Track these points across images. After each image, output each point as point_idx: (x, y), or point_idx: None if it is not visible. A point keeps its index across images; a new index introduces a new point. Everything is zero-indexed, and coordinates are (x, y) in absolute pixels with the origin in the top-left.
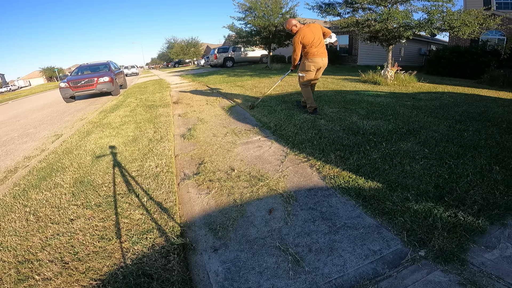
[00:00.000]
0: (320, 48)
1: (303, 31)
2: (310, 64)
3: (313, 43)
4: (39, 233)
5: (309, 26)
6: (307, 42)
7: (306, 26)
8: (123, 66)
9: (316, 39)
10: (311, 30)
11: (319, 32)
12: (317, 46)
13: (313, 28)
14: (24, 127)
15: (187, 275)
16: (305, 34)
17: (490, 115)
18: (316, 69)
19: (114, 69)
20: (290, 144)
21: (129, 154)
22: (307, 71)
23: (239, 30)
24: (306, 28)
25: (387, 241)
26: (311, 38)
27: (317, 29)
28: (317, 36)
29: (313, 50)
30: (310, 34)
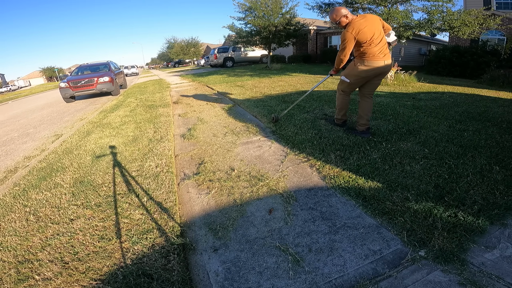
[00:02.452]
0: (382, 47)
1: (359, 23)
2: (364, 68)
3: (373, 40)
4: (39, 233)
5: (365, 17)
6: (364, 38)
7: (361, 17)
8: (123, 66)
9: (376, 35)
10: (369, 23)
11: (379, 26)
12: (378, 45)
13: (371, 20)
14: (24, 127)
15: (187, 275)
16: (361, 28)
17: (490, 115)
18: (372, 76)
19: (114, 69)
20: (290, 144)
21: (129, 154)
22: (356, 76)
23: (239, 30)
24: (361, 20)
25: (387, 241)
26: (370, 34)
27: (377, 22)
28: (378, 31)
29: (372, 50)
30: (369, 28)
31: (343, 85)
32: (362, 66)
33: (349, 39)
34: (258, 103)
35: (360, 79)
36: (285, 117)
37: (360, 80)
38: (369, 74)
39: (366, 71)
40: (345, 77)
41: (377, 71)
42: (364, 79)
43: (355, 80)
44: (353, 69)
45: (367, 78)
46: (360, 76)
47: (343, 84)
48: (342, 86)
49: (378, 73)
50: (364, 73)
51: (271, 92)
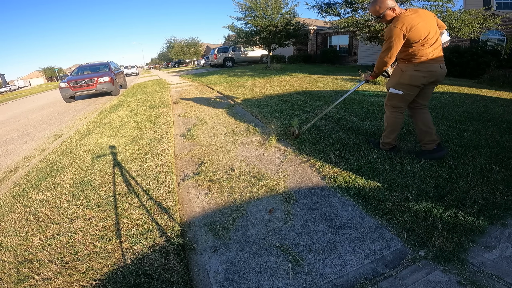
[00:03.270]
0: (437, 48)
1: (410, 18)
2: (418, 74)
3: (428, 39)
4: (39, 233)
5: (417, 12)
6: (417, 36)
7: (412, 11)
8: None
9: (432, 34)
10: (422, 19)
11: (434, 24)
12: (433, 45)
13: (425, 16)
14: (24, 127)
15: (187, 275)
16: (413, 24)
17: (490, 115)
18: (427, 82)
19: (114, 69)
20: (290, 144)
21: (129, 154)
22: (409, 85)
23: (239, 30)
24: (413, 15)
25: (387, 241)
26: (425, 32)
27: (431, 18)
28: (434, 29)
29: (425, 51)
30: (423, 25)
31: (394, 99)
32: (414, 72)
33: (398, 36)
34: (258, 103)
35: (414, 88)
36: (284, 117)
37: (414, 89)
38: (424, 80)
39: (419, 77)
40: (394, 89)
41: (433, 77)
42: (418, 88)
43: (409, 89)
44: (402, 76)
45: (422, 86)
46: (414, 83)
47: (395, 98)
48: (394, 101)
49: (433, 79)
50: (418, 80)
51: (271, 92)
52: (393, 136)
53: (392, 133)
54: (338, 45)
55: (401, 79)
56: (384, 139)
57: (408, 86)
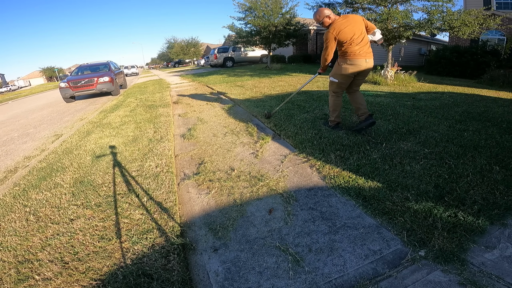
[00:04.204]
0: (364, 46)
1: (339, 24)
2: (348, 67)
3: (353, 39)
4: (39, 233)
5: (346, 18)
6: (344, 38)
7: (342, 17)
8: (123, 66)
9: (357, 35)
10: (349, 23)
11: (360, 26)
12: (359, 44)
13: (353, 20)
14: (24, 127)
15: (187, 275)
16: (341, 28)
17: (490, 115)
18: (355, 73)
19: (114, 69)
20: (290, 144)
21: (129, 154)
22: (342, 75)
23: (239, 30)
24: (342, 20)
25: (387, 241)
26: (350, 34)
27: (358, 21)
28: (358, 31)
29: (353, 49)
30: (349, 28)
31: (332, 86)
32: (346, 65)
33: (330, 39)
34: (258, 103)
35: (346, 78)
36: (284, 117)
37: (347, 78)
38: (354, 71)
39: (350, 69)
40: (333, 78)
41: (360, 69)
42: (350, 77)
43: (343, 79)
44: (338, 68)
45: (353, 76)
46: (346, 74)
47: (333, 85)
48: (332, 87)
49: (359, 70)
50: (349, 71)
51: (271, 92)
52: (336, 114)
53: (334, 112)
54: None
55: (337, 70)
56: (330, 117)
57: (342, 76)
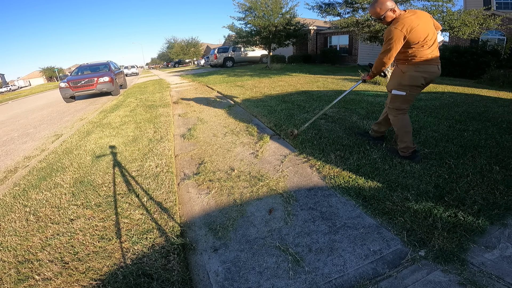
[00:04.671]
0: (435, 49)
1: (409, 20)
2: (418, 75)
3: (427, 41)
4: (39, 233)
5: (416, 14)
6: (416, 38)
7: (411, 12)
8: (123, 66)
9: (430, 35)
10: (422, 21)
11: (432, 25)
12: (431, 47)
13: (424, 17)
14: (24, 127)
15: (187, 275)
16: (413, 26)
17: (490, 115)
18: (426, 83)
19: (114, 69)
20: (290, 144)
21: (129, 154)
22: (411, 86)
23: (239, 30)
24: (412, 16)
25: (387, 241)
26: (424, 33)
27: (429, 19)
28: (432, 31)
29: (424, 53)
30: (422, 27)
31: (397, 101)
32: (416, 73)
33: (398, 37)
34: (258, 103)
35: (415, 89)
36: (284, 117)
37: (416, 89)
38: (424, 81)
39: (420, 78)
40: (397, 90)
41: (431, 77)
42: (419, 88)
43: (411, 90)
44: (404, 77)
45: (422, 86)
46: (414, 84)
47: (398, 99)
48: (397, 103)
49: (430, 79)
50: (418, 80)
51: (271, 92)
52: (407, 138)
53: (405, 135)
54: (338, 45)
55: (402, 80)
56: (400, 144)
57: (409, 87)
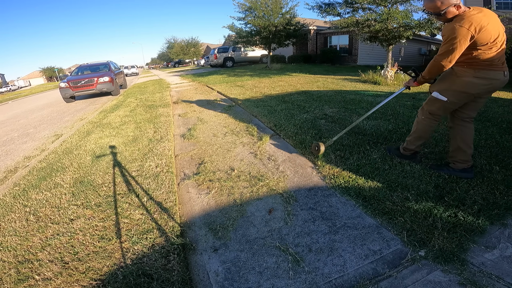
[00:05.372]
0: (502, 53)
1: (477, 18)
2: (475, 81)
3: (496, 42)
4: (39, 233)
5: (483, 12)
6: (485, 39)
7: (476, 10)
8: (123, 66)
9: (500, 37)
10: (490, 19)
11: (501, 26)
12: (499, 50)
13: (492, 16)
14: (24, 127)
15: (187, 275)
16: (483, 25)
17: (490, 115)
18: (484, 92)
19: (114, 69)
20: (290, 144)
21: (129, 154)
22: (460, 92)
23: (239, 30)
24: (479, 14)
25: (387, 241)
26: (494, 34)
27: (497, 19)
28: (502, 32)
29: (490, 56)
30: (492, 26)
31: (434, 105)
32: (472, 78)
33: (465, 37)
34: (258, 103)
35: (465, 96)
36: (284, 117)
37: (464, 98)
38: (481, 89)
39: (477, 85)
40: (439, 94)
41: (493, 86)
42: (471, 97)
43: (458, 97)
44: (456, 82)
45: (476, 95)
46: (467, 91)
47: (436, 103)
48: (433, 107)
49: (493, 88)
50: (475, 88)
51: (271, 92)
52: (419, 143)
53: (419, 140)
54: (338, 45)
55: (454, 85)
56: (408, 144)
57: (459, 93)
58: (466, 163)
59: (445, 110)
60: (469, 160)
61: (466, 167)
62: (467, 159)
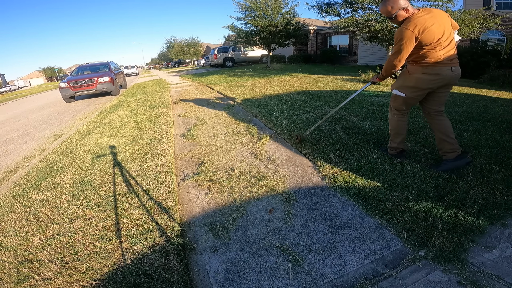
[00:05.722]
0: (450, 50)
1: (423, 19)
2: (424, 77)
3: (440, 42)
4: (39, 233)
5: (431, 12)
6: (429, 39)
7: (425, 11)
8: (123, 66)
9: (446, 36)
10: (437, 20)
11: (448, 25)
12: (445, 48)
13: (439, 16)
14: (24, 127)
15: (187, 275)
16: (427, 26)
17: (490, 115)
18: (435, 86)
19: (114, 69)
20: (290, 144)
21: (129, 154)
22: (413, 88)
23: (239, 30)
24: (425, 15)
25: (387, 241)
26: (438, 34)
27: (446, 18)
28: (448, 30)
29: (436, 54)
30: (436, 26)
31: (397, 101)
32: (421, 74)
33: (409, 38)
34: (258, 103)
35: (419, 92)
36: (284, 117)
37: (419, 93)
38: (431, 84)
39: (427, 81)
40: (397, 91)
41: (443, 80)
42: (424, 91)
43: (413, 93)
44: (408, 78)
45: (429, 90)
46: (419, 87)
47: (397, 100)
48: (396, 103)
49: (443, 83)
50: (425, 83)
51: (271, 92)
52: (399, 140)
53: (397, 136)
54: (338, 45)
55: (406, 82)
56: (390, 143)
57: (412, 89)
58: (455, 151)
59: (408, 105)
60: (457, 148)
61: (458, 155)
62: (455, 147)
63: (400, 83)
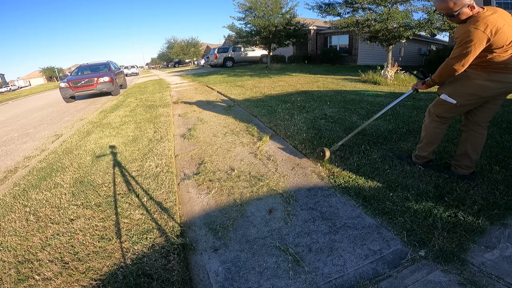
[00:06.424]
0: None
1: (493, 19)
2: (490, 85)
3: None
4: (39, 233)
5: (497, 12)
6: (502, 41)
7: (490, 10)
8: (123, 66)
9: None
10: (506, 21)
11: None
12: None
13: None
14: (24, 127)
15: (187, 275)
16: (499, 27)
17: None
18: (495, 95)
19: (114, 69)
20: (290, 144)
21: (129, 154)
22: (471, 95)
23: (239, 30)
24: (494, 15)
25: (387, 241)
26: (510, 35)
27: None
28: None
29: (505, 59)
30: (507, 27)
31: (442, 107)
32: (485, 81)
33: (480, 40)
34: (258, 103)
35: (476, 100)
36: (284, 117)
37: (475, 101)
38: (494, 92)
39: (490, 88)
40: (448, 96)
41: (506, 89)
42: (482, 100)
43: (468, 101)
44: (466, 84)
45: (487, 99)
46: (480, 95)
47: (443, 106)
48: (440, 110)
49: (505, 91)
50: (487, 91)
51: (271, 92)
52: (430, 149)
53: (429, 145)
54: (338, 45)
55: (463, 88)
56: (419, 151)
57: (469, 96)
58: (468, 169)
59: (454, 114)
60: (472, 167)
61: (466, 174)
62: (471, 165)
63: (455, 88)
